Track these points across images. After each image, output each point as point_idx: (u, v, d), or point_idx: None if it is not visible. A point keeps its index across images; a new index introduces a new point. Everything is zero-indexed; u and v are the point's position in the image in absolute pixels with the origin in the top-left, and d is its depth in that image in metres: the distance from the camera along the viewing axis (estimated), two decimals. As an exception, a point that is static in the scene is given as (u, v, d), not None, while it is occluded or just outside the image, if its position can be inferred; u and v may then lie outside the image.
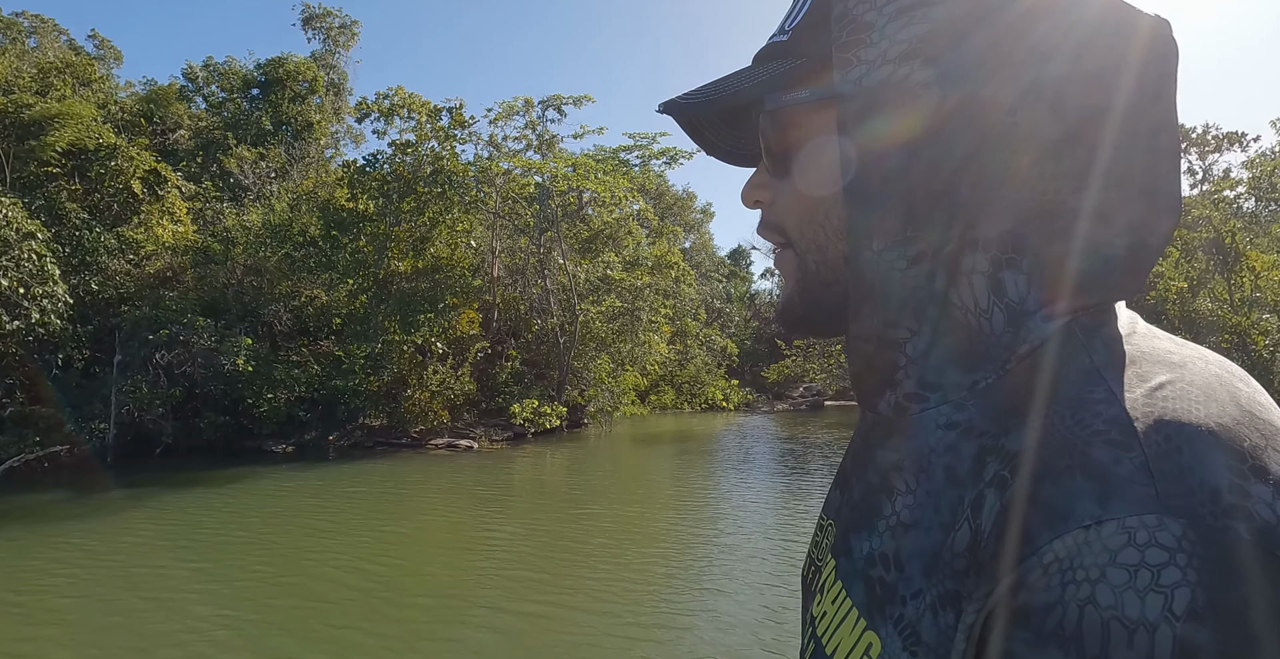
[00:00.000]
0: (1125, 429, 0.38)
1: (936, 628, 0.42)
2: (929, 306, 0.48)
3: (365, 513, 11.07)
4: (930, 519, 0.45)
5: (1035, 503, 0.38)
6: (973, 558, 0.40)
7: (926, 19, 0.47)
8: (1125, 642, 0.33)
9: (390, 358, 18.77)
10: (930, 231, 0.47)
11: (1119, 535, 0.35)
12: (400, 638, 5.90)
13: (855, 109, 0.49)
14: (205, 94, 27.51)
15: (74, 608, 6.70)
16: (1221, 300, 18.47)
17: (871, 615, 0.47)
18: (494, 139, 25.78)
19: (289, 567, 8.07)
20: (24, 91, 19.01)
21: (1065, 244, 0.47)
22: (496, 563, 8.25)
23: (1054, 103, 0.46)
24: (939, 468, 0.46)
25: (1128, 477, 0.36)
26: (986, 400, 0.47)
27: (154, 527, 9.96)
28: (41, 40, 29.55)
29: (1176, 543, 0.34)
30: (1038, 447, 0.40)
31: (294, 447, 17.84)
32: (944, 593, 0.42)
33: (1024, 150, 0.46)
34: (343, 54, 31.08)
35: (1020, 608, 0.37)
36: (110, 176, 18.36)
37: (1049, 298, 0.47)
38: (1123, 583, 0.34)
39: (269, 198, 23.69)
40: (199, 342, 16.12)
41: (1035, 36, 0.46)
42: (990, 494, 0.41)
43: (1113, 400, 0.40)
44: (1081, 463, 0.38)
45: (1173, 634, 0.33)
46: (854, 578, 0.50)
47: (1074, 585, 0.35)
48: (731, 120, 0.62)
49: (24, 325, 14.55)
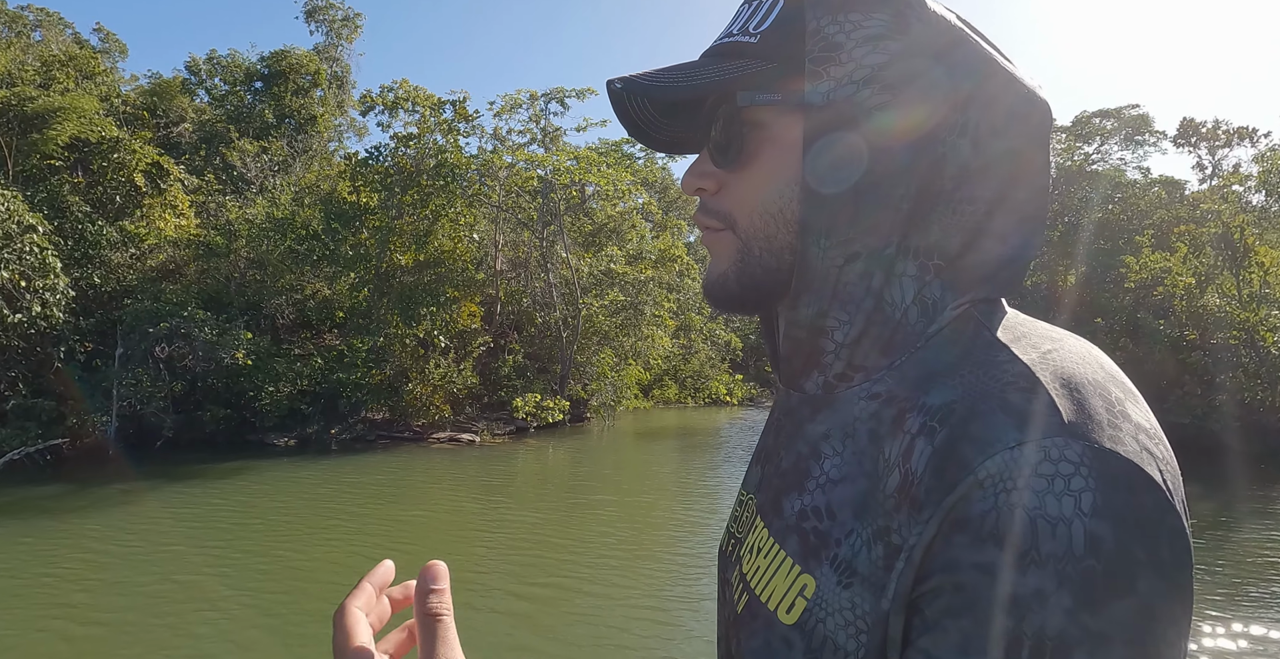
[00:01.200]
0: (1030, 379, 0.48)
1: (869, 560, 0.50)
2: (863, 301, 0.57)
3: (370, 503, 11.06)
4: (856, 472, 0.54)
5: (967, 437, 0.46)
6: (903, 496, 0.48)
7: (887, 51, 0.55)
8: (1049, 534, 0.42)
9: (392, 351, 18.73)
10: (872, 236, 0.56)
11: (1037, 453, 0.44)
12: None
13: (821, 120, 0.55)
14: (208, 87, 27.46)
15: (81, 599, 6.69)
16: (1230, 296, 18.29)
17: (806, 561, 0.54)
18: (498, 132, 25.71)
19: (292, 556, 8.05)
20: (27, 85, 18.98)
21: (974, 255, 0.57)
22: (502, 549, 8.23)
23: (974, 140, 0.56)
24: (863, 432, 0.55)
25: (1039, 411, 0.46)
26: (901, 374, 0.56)
27: (156, 519, 9.95)
28: (46, 33, 29.51)
29: (1080, 458, 0.44)
30: (962, 397, 0.49)
31: (296, 440, 17.83)
32: (876, 530, 0.50)
33: (950, 176, 0.56)
34: (346, 46, 30.99)
35: (960, 517, 0.45)
36: (113, 170, 18.34)
37: (957, 295, 0.57)
38: (1043, 489, 0.43)
39: (272, 191, 23.66)
40: (200, 335, 16.10)
41: (971, 87, 0.56)
42: (920, 441, 0.49)
43: (1015, 360, 0.51)
44: (1001, 404, 0.47)
45: (1083, 527, 0.42)
46: (787, 533, 0.57)
47: (1004, 493, 0.44)
48: (671, 110, 0.66)
49: (26, 318, 14.55)
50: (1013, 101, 0.57)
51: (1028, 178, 0.58)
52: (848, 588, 0.50)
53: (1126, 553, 0.42)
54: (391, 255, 19.66)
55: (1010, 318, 0.57)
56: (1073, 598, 0.41)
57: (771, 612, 0.56)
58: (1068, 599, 0.41)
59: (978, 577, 0.43)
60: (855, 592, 0.50)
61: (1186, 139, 25.49)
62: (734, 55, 0.59)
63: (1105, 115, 24.67)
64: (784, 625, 0.54)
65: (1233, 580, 7.37)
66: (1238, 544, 8.91)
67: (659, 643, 5.78)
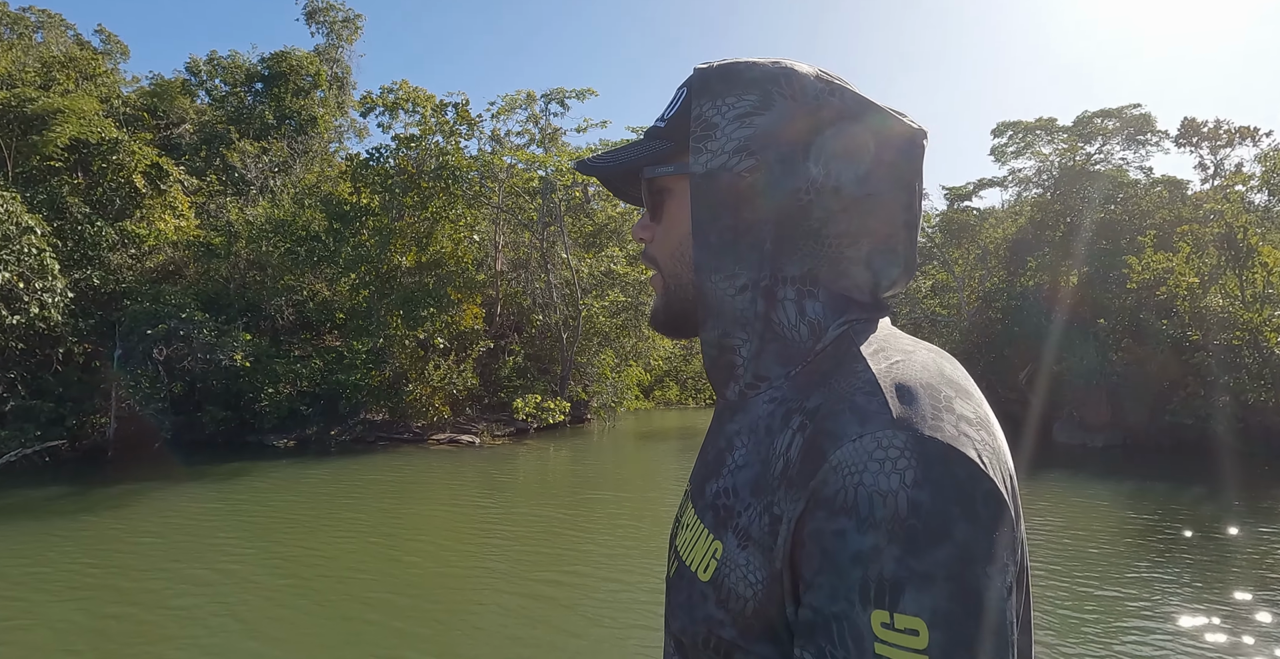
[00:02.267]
0: (873, 385, 0.61)
1: (759, 527, 0.62)
2: (754, 323, 0.71)
3: (370, 503, 11.01)
4: (754, 459, 0.66)
5: (824, 432, 0.60)
6: (783, 478, 0.61)
7: (752, 126, 0.69)
8: (881, 503, 0.54)
9: (392, 352, 18.69)
10: (749, 269, 0.70)
11: (872, 442, 0.57)
12: (426, 612, 5.81)
13: (700, 183, 0.71)
14: (208, 88, 27.43)
15: (80, 598, 6.63)
16: (1233, 297, 18.19)
17: (718, 530, 0.66)
18: (496, 133, 25.66)
19: (295, 557, 8.00)
20: (27, 86, 18.96)
21: (845, 280, 0.71)
22: (504, 548, 8.18)
23: (836, 188, 0.69)
24: (763, 428, 0.67)
25: (875, 410, 0.59)
26: (794, 382, 0.68)
27: (154, 520, 9.90)
28: (48, 35, 29.47)
29: (904, 444, 0.56)
30: (825, 400, 0.62)
31: (295, 441, 17.79)
32: (765, 504, 0.62)
33: (816, 216, 0.69)
34: (346, 47, 30.94)
35: (820, 497, 0.57)
36: (112, 170, 18.31)
37: (835, 315, 0.70)
38: (877, 470, 0.55)
39: (273, 192, 23.61)
40: (198, 336, 16.06)
41: (833, 145, 0.69)
42: (798, 436, 0.62)
43: (867, 370, 0.63)
44: (850, 405, 0.60)
45: (906, 496, 0.54)
46: (706, 510, 0.69)
47: (850, 475, 0.56)
48: (631, 178, 0.81)
49: (24, 320, 14.52)
50: (877, 150, 0.70)
51: (888, 215, 0.71)
52: (744, 549, 0.63)
53: (942, 511, 0.54)
54: (392, 257, 19.61)
55: (878, 334, 0.70)
56: (900, 548, 0.53)
57: (693, 572, 0.68)
58: (896, 549, 0.53)
59: (834, 541, 0.55)
60: (749, 552, 0.62)
61: (1188, 139, 25.39)
62: (651, 137, 0.77)
63: (1107, 115, 24.55)
64: (702, 582, 0.66)
65: (1238, 582, 7.31)
66: (1240, 546, 8.84)
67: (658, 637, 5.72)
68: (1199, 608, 6.59)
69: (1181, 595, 6.98)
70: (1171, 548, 8.74)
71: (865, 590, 0.54)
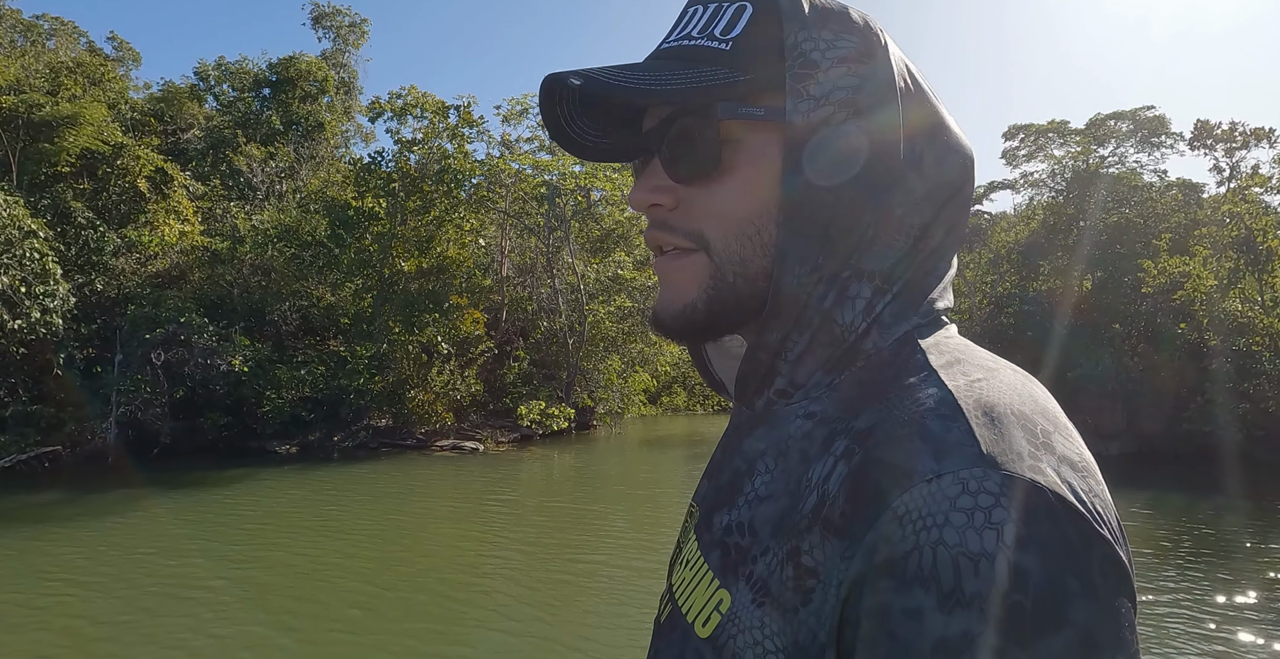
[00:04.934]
0: (951, 406, 0.47)
1: (780, 580, 0.48)
2: (814, 320, 0.55)
3: (372, 510, 10.84)
4: (780, 491, 0.53)
5: (882, 465, 0.45)
6: (815, 517, 0.47)
7: (858, 75, 0.54)
8: (972, 572, 0.40)
9: (395, 358, 18.55)
10: (835, 260, 0.55)
11: (955, 485, 0.42)
12: (427, 623, 5.63)
13: (801, 140, 0.53)
14: (216, 93, 27.48)
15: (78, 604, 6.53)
16: (1252, 301, 17.81)
17: (725, 576, 0.53)
18: (505, 138, 25.58)
19: (295, 564, 7.84)
20: (35, 91, 18.98)
21: (922, 276, 0.58)
22: (506, 554, 8.00)
23: (920, 170, 0.56)
24: (795, 451, 0.54)
25: (957, 440, 0.44)
26: (837, 393, 0.55)
27: (153, 525, 9.75)
28: (61, 42, 29.64)
29: (999, 489, 0.42)
30: (881, 421, 0.48)
31: (298, 447, 17.65)
32: (789, 550, 0.49)
33: (900, 202, 0.56)
34: (353, 52, 31.01)
35: (884, 559, 0.42)
36: (117, 175, 18.28)
37: (906, 317, 0.57)
38: (963, 524, 0.41)
39: (278, 197, 23.58)
40: (199, 341, 15.96)
41: (921, 119, 0.57)
42: (840, 464, 0.48)
43: (941, 386, 0.49)
44: (920, 431, 0.45)
45: (1007, 560, 0.40)
46: (712, 547, 0.56)
47: (925, 531, 0.41)
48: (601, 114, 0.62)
49: (25, 324, 14.45)
50: (949, 138, 0.58)
51: (960, 205, 0.59)
52: (760, 607, 0.49)
53: (1056, 584, 0.40)
54: (394, 261, 19.50)
55: (951, 343, 0.56)
56: (1001, 636, 0.39)
57: (689, 623, 0.55)
58: (995, 638, 0.39)
59: (907, 624, 0.41)
60: (766, 611, 0.49)
61: (1202, 141, 25.00)
62: (701, 61, 0.55)
63: (1120, 117, 24.20)
64: (698, 638, 0.54)
65: (1268, 598, 7.01)
66: (1265, 559, 8.53)
67: None
68: (1223, 625, 6.30)
69: (1204, 613, 6.68)
70: (1191, 561, 8.43)
71: None
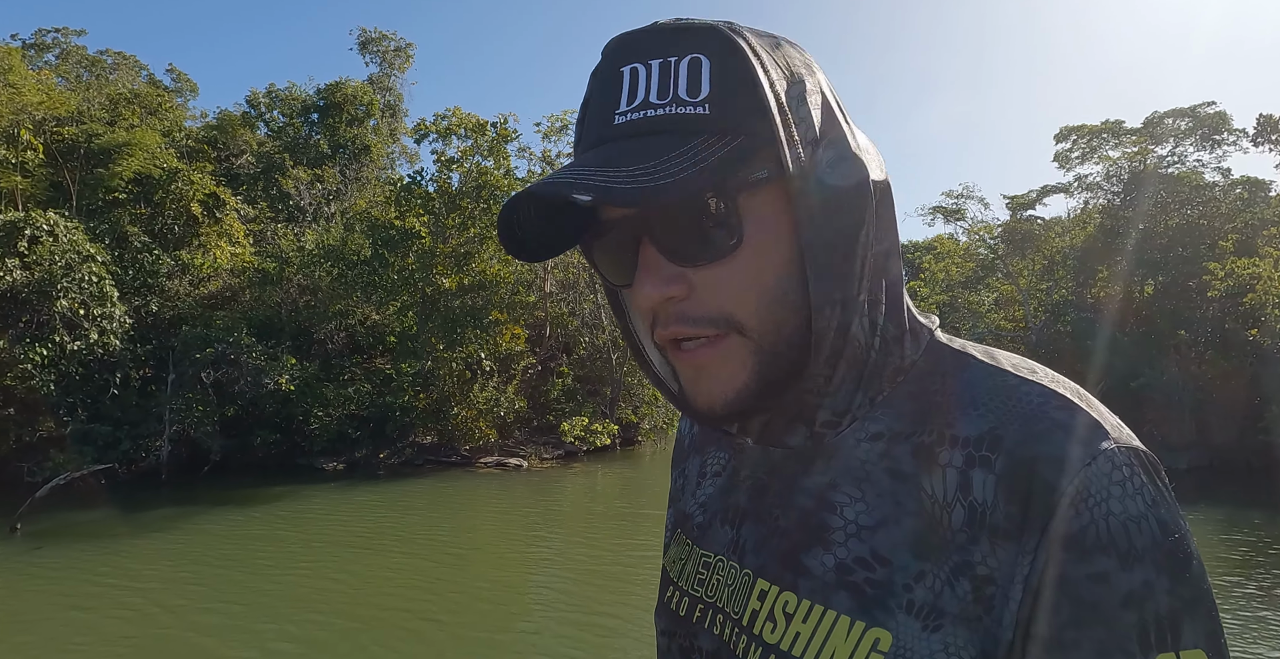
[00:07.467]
0: (1061, 398, 0.52)
1: (956, 597, 0.49)
2: (845, 349, 0.56)
3: (419, 527, 10.83)
4: (895, 513, 0.53)
5: (1037, 461, 0.49)
6: (978, 527, 0.50)
7: (816, 106, 0.54)
8: (1137, 531, 0.47)
9: (438, 375, 18.65)
10: (850, 288, 0.55)
11: (1106, 463, 0.49)
12: (472, 639, 5.52)
13: (805, 190, 0.52)
14: (267, 119, 28.28)
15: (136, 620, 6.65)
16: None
17: (871, 614, 0.51)
18: (547, 155, 25.73)
19: (342, 580, 7.84)
20: (95, 122, 19.73)
21: (898, 283, 0.59)
22: (551, 573, 7.88)
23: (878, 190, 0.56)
24: (880, 472, 0.55)
25: (1089, 425, 0.50)
26: (893, 408, 0.57)
27: (206, 541, 9.86)
28: (120, 75, 30.88)
29: (1128, 459, 0.49)
30: (1001, 423, 0.51)
31: (345, 464, 17.82)
32: (954, 566, 0.50)
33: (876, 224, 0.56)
34: (398, 76, 31.64)
35: (1062, 536, 0.48)
36: (171, 200, 18.84)
37: (909, 330, 0.59)
38: (1121, 494, 0.48)
39: (325, 219, 24.06)
40: (248, 360, 16.27)
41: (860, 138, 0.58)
42: (976, 473, 0.51)
43: (1030, 383, 0.53)
44: (1055, 425, 0.50)
45: (1155, 517, 0.48)
46: (831, 590, 0.53)
47: (1095, 505, 0.48)
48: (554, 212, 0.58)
49: (84, 346, 14.90)
50: (858, 140, 0.57)
51: (888, 202, 0.58)
52: (937, 630, 0.49)
53: (1179, 526, 0.49)
54: (436, 279, 19.66)
55: (969, 344, 0.59)
56: (1169, 578, 0.47)
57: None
58: (1166, 580, 0.47)
59: (1095, 587, 0.47)
60: (948, 632, 0.49)
61: (1266, 137, 23.84)
62: (687, 133, 0.51)
63: (1179, 115, 23.22)
64: None
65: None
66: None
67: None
68: None
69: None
70: (1275, 582, 7.85)
71: (1145, 636, 0.46)
